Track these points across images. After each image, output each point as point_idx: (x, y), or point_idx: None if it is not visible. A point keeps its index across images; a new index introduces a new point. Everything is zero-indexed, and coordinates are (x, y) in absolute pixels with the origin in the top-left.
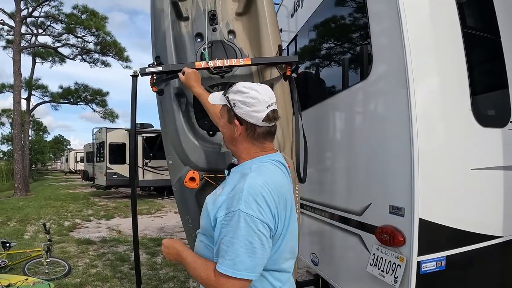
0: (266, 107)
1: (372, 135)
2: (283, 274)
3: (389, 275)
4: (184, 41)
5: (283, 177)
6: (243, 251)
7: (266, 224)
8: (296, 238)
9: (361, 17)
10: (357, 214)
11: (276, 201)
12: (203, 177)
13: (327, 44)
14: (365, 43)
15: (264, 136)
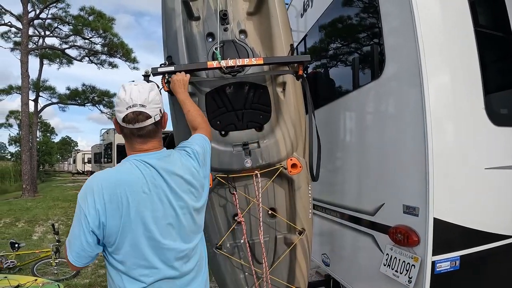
0: (126, 108)
1: (385, 134)
2: (133, 283)
3: (403, 275)
4: (196, 41)
5: (131, 177)
6: (72, 236)
7: (85, 215)
8: (151, 248)
9: (373, 16)
10: (370, 214)
11: (105, 198)
12: (216, 177)
13: (338, 44)
14: (377, 43)
15: (129, 136)
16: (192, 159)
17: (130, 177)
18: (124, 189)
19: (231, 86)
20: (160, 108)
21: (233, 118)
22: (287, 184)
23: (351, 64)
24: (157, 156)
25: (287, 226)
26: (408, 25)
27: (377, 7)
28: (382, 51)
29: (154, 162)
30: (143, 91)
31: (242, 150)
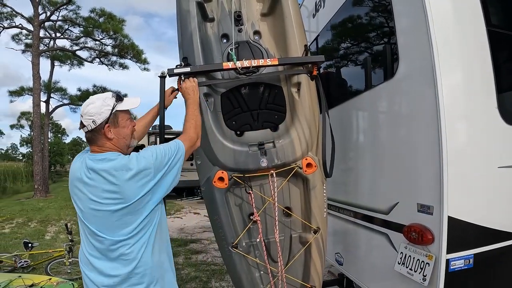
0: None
1: (399, 134)
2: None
3: (417, 273)
4: (210, 42)
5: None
6: None
7: None
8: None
9: (385, 16)
10: (384, 213)
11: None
12: (232, 176)
13: (350, 44)
14: (390, 43)
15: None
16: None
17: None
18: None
19: (246, 87)
20: (93, 120)
21: (249, 118)
22: (302, 183)
23: (364, 64)
24: (92, 158)
25: (302, 225)
26: (421, 25)
27: (389, 7)
28: (396, 51)
29: (88, 161)
30: (87, 103)
31: (257, 150)
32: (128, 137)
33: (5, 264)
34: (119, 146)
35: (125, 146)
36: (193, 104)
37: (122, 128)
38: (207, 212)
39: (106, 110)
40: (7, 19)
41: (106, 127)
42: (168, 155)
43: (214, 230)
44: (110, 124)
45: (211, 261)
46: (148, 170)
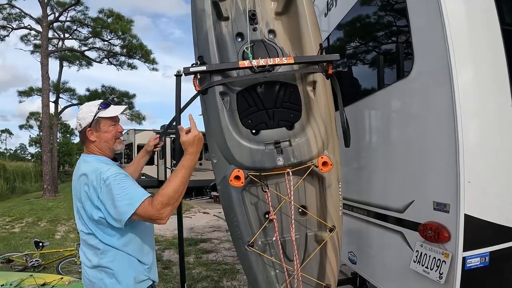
0: None
1: (414, 132)
2: None
3: (433, 271)
4: (225, 41)
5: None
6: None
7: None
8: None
9: (400, 14)
10: (399, 211)
11: None
12: (248, 175)
13: (364, 43)
14: (405, 41)
15: None
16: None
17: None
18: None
19: (261, 85)
20: (79, 123)
21: (264, 117)
22: (318, 181)
23: (378, 63)
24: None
25: (317, 224)
26: (436, 22)
27: (404, 5)
28: (411, 50)
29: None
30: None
31: (274, 149)
32: (110, 141)
33: (16, 263)
34: (100, 148)
35: (107, 149)
36: (191, 161)
37: (103, 132)
38: (223, 210)
39: (90, 116)
40: (16, 20)
41: (88, 131)
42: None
43: (230, 229)
44: (92, 128)
45: (222, 260)
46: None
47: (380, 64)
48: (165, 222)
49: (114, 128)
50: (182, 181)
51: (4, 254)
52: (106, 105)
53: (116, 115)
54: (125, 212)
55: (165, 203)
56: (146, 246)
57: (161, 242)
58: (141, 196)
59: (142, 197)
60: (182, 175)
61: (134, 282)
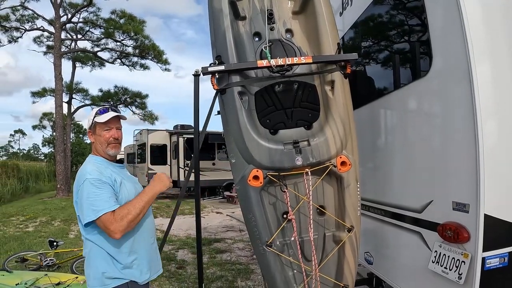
0: None
1: (433, 132)
2: None
3: (452, 271)
4: (243, 40)
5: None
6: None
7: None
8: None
9: (418, 12)
10: (417, 211)
11: None
12: (267, 175)
13: (381, 42)
14: (423, 40)
15: None
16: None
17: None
18: None
19: (280, 85)
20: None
21: (283, 117)
22: (336, 181)
23: (395, 62)
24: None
25: (335, 224)
26: (455, 20)
27: (422, 2)
28: (429, 48)
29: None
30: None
31: (292, 148)
32: (103, 144)
33: (31, 262)
34: (97, 149)
35: (102, 151)
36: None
37: (98, 136)
38: (241, 210)
39: (90, 120)
40: (29, 21)
41: (88, 133)
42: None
43: (248, 229)
44: (91, 130)
45: (236, 260)
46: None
47: (397, 63)
48: (118, 237)
49: (108, 133)
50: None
51: (19, 253)
52: (104, 111)
53: (106, 120)
54: (88, 216)
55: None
56: (126, 246)
57: (175, 242)
58: (108, 208)
59: (108, 209)
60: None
61: (103, 277)
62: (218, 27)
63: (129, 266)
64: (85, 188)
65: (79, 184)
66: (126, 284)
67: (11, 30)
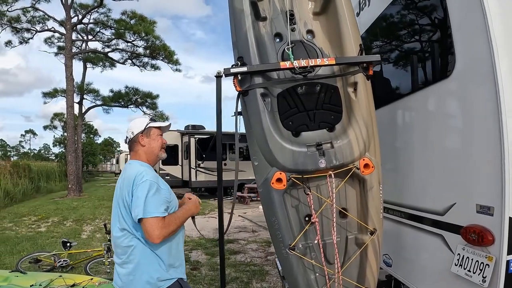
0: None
1: (457, 134)
2: None
3: (476, 274)
4: (264, 41)
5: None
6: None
7: None
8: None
9: (440, 11)
10: (439, 214)
11: None
12: (290, 178)
13: (401, 43)
14: (445, 40)
15: None
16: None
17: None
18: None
19: (302, 87)
20: (132, 131)
21: (305, 119)
22: (358, 184)
23: (416, 63)
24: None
25: (358, 226)
26: (478, 18)
27: (444, 1)
28: (452, 49)
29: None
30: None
31: (316, 151)
32: (156, 148)
33: (44, 263)
34: (147, 153)
35: (152, 154)
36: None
37: (152, 139)
38: (264, 213)
39: (142, 125)
40: (40, 23)
41: (140, 136)
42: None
43: (271, 232)
44: (143, 134)
45: (250, 261)
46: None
47: (419, 64)
48: (157, 242)
49: (161, 138)
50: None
51: (32, 254)
52: (155, 121)
53: (164, 125)
54: (137, 215)
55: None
56: (174, 247)
57: (188, 242)
58: (160, 213)
59: (160, 214)
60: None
61: (157, 280)
62: (240, 27)
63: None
64: (146, 187)
65: (137, 182)
66: (177, 283)
67: (22, 31)
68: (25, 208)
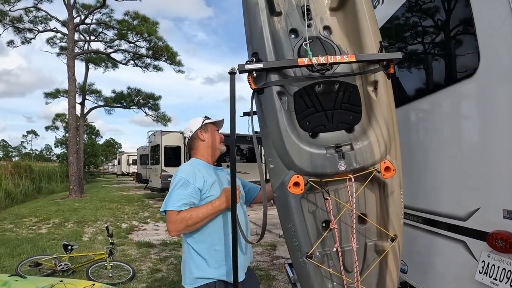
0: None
1: (481, 136)
2: None
3: (503, 283)
4: (279, 37)
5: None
6: None
7: None
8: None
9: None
10: (462, 219)
11: None
12: (308, 181)
13: (420, 41)
14: (468, 37)
15: None
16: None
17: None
18: None
19: (320, 85)
20: (190, 130)
21: (323, 119)
22: (378, 188)
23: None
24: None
25: (377, 233)
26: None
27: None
28: (476, 48)
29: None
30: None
31: (335, 153)
32: (215, 141)
33: (45, 267)
34: (206, 148)
35: (213, 147)
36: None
37: (211, 134)
38: (280, 219)
39: (199, 123)
40: (42, 23)
41: (199, 133)
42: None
43: (287, 239)
44: (202, 130)
45: (256, 265)
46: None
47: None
48: (173, 235)
49: (217, 134)
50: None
51: (32, 257)
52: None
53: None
54: (163, 206)
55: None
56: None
57: None
58: (177, 206)
59: (175, 208)
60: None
61: (194, 277)
62: (254, 22)
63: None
64: (174, 183)
65: (172, 179)
66: (214, 283)
67: (24, 31)
68: (26, 209)
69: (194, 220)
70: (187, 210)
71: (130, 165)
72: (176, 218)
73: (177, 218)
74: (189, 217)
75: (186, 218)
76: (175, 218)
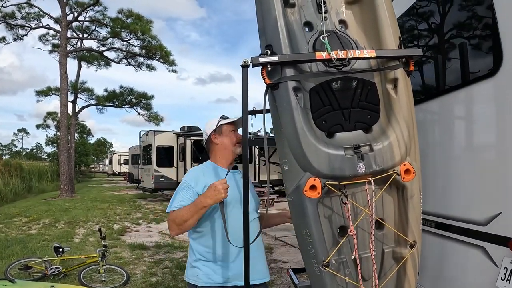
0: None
1: (502, 137)
2: None
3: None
4: (293, 30)
5: None
6: None
7: None
8: None
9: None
10: (481, 224)
11: None
12: (325, 184)
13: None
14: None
15: None
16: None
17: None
18: None
19: (337, 82)
20: (206, 133)
21: (340, 118)
22: (397, 192)
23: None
24: None
25: (395, 239)
26: None
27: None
28: (498, 45)
29: None
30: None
31: (354, 154)
32: (228, 144)
33: (35, 270)
34: (221, 151)
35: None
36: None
37: (224, 136)
38: (294, 225)
39: (214, 125)
40: (35, 19)
41: (213, 136)
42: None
43: (302, 246)
44: (216, 133)
45: None
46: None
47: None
48: (173, 235)
49: (234, 134)
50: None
51: (22, 260)
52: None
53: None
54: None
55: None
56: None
57: (185, 248)
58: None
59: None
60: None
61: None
62: (268, 12)
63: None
64: (179, 185)
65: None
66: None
67: (16, 28)
68: (16, 209)
69: (180, 218)
70: (176, 210)
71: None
72: (169, 218)
73: (169, 218)
74: (175, 216)
75: (174, 217)
76: (168, 218)
